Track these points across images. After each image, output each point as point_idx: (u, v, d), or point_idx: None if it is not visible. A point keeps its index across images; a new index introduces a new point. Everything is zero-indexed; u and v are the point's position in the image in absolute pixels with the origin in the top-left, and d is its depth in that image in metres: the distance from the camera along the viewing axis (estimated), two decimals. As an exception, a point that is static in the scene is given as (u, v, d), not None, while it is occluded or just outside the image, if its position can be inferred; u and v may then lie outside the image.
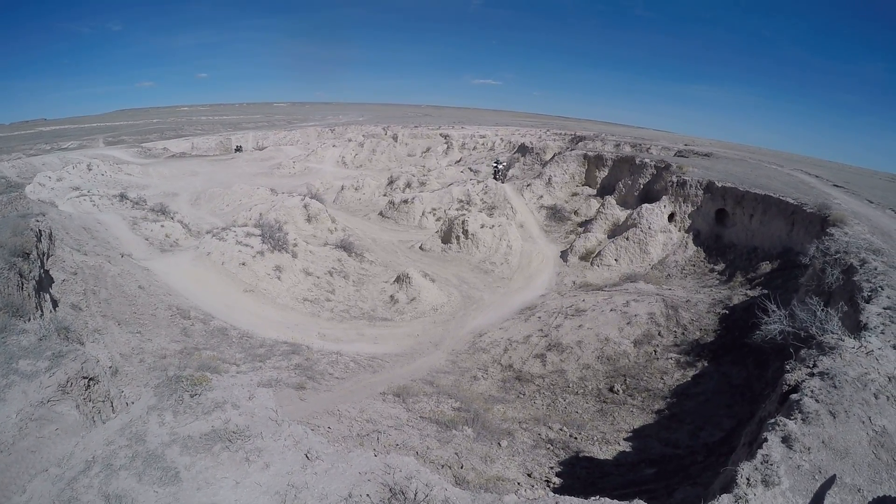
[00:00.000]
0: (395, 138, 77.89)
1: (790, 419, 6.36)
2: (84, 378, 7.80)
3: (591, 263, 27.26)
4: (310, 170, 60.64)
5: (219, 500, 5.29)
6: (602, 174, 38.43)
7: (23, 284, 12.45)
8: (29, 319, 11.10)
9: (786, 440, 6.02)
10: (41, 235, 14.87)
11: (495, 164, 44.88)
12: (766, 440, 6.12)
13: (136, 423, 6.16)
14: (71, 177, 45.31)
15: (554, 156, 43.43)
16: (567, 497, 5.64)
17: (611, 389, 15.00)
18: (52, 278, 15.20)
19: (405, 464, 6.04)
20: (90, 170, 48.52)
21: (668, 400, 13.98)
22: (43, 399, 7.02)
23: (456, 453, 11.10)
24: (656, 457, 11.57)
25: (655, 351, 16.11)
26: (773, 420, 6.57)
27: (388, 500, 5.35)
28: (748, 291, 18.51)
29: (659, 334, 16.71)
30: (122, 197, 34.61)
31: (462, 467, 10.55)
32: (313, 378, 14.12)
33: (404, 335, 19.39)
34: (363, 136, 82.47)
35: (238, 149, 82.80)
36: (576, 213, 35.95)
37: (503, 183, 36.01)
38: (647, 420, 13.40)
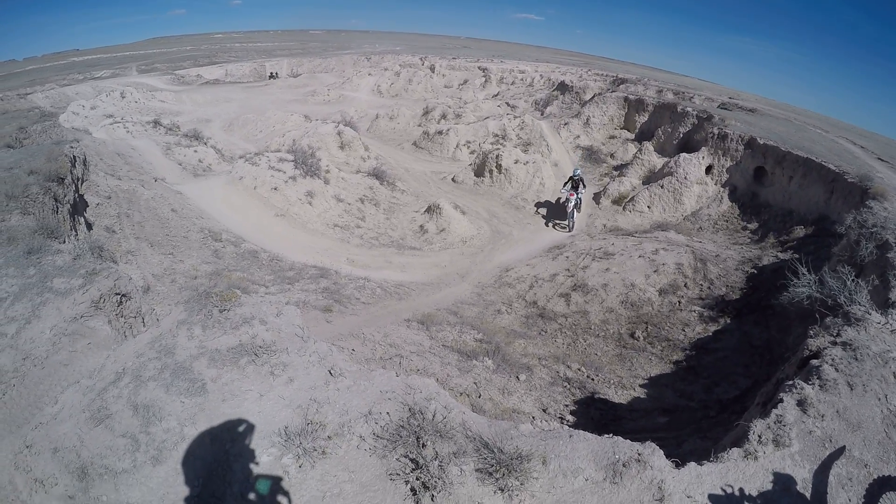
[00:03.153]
0: (432, 69, 76.41)
1: (808, 384, 6.31)
2: (116, 294, 7.98)
3: (623, 208, 26.81)
4: (344, 98, 59.93)
5: (243, 411, 5.43)
6: (642, 119, 37.29)
7: (58, 208, 12.72)
8: (64, 241, 11.30)
9: (801, 404, 5.99)
10: (75, 161, 15.05)
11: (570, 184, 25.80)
12: (781, 401, 6.10)
13: (166, 337, 6.30)
14: (104, 105, 45.49)
15: (594, 96, 41.90)
16: (581, 431, 5.67)
17: (632, 335, 14.99)
18: (86, 202, 15.45)
19: (426, 385, 6.09)
20: (123, 97, 48.69)
21: (687, 352, 13.96)
22: (76, 315, 7.20)
23: (475, 383, 11.22)
24: (670, 406, 11.64)
25: (680, 302, 15.97)
26: (790, 382, 6.53)
27: (407, 420, 5.40)
28: (779, 254, 18.20)
29: (685, 286, 16.53)
30: (156, 123, 34.78)
31: (480, 397, 10.68)
32: (340, 302, 14.30)
33: (432, 265, 19.46)
34: (399, 65, 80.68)
35: (272, 76, 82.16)
36: (612, 156, 35.01)
37: (578, 214, 26.49)
38: (665, 370, 13.44)
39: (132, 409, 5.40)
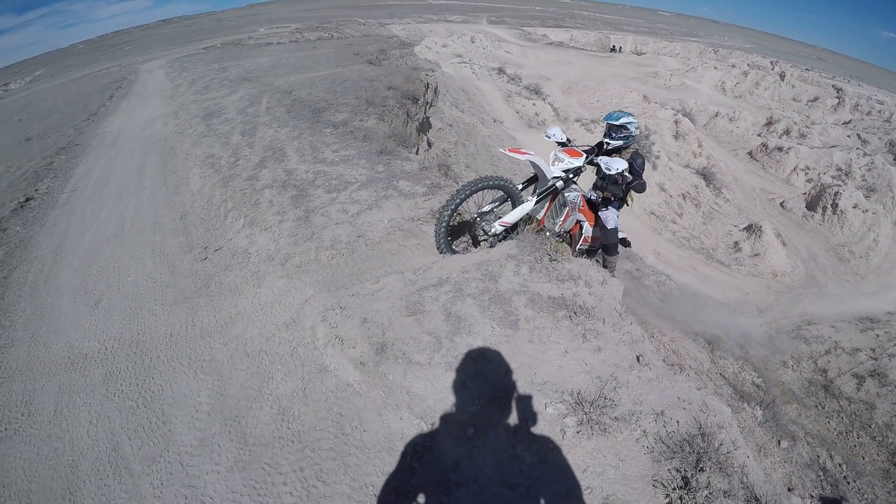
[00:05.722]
0: (781, 76, 69.63)
1: None
2: (453, 210, 8.55)
3: (958, 307, 22.17)
4: (686, 87, 57.91)
5: (545, 359, 5.52)
6: None
7: (408, 123, 14.29)
8: (411, 152, 12.56)
9: None
10: (428, 87, 16.64)
11: None
12: None
13: (493, 265, 6.59)
14: (455, 45, 49.74)
15: (962, 154, 35.37)
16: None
17: (907, 455, 12.72)
18: (430, 124, 17.09)
19: (722, 411, 5.71)
20: (473, 42, 52.70)
21: (958, 509, 11.57)
22: (414, 216, 7.91)
23: (738, 426, 10.38)
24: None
25: (981, 447, 13.09)
26: None
27: (693, 437, 5.07)
28: None
29: None
30: (500, 71, 36.76)
31: (737, 442, 9.90)
32: (637, 289, 14.05)
33: (734, 287, 18.24)
34: (748, 65, 75.02)
35: (615, 49, 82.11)
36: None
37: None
38: (924, 513, 11.31)
39: (445, 314, 5.79)
